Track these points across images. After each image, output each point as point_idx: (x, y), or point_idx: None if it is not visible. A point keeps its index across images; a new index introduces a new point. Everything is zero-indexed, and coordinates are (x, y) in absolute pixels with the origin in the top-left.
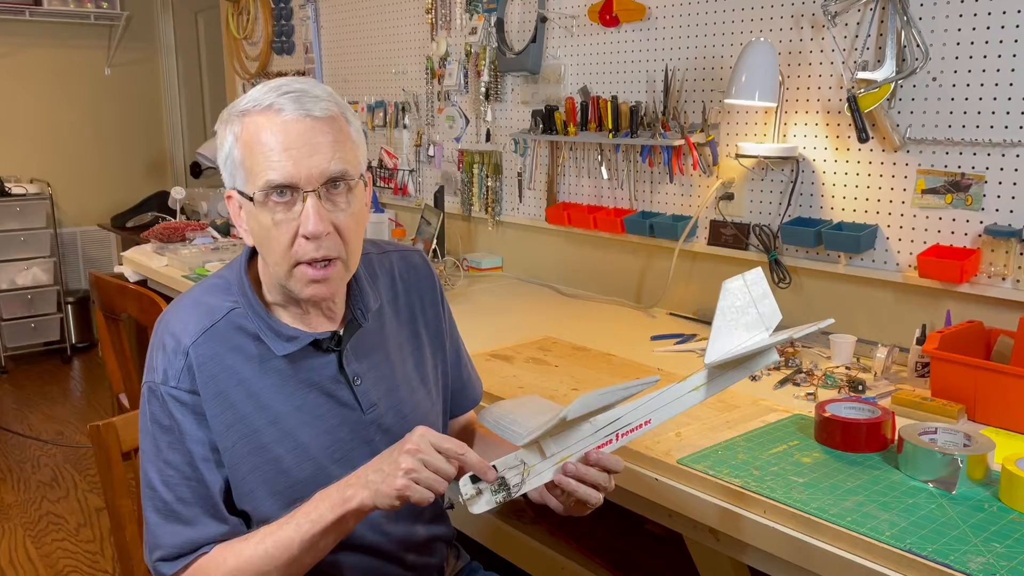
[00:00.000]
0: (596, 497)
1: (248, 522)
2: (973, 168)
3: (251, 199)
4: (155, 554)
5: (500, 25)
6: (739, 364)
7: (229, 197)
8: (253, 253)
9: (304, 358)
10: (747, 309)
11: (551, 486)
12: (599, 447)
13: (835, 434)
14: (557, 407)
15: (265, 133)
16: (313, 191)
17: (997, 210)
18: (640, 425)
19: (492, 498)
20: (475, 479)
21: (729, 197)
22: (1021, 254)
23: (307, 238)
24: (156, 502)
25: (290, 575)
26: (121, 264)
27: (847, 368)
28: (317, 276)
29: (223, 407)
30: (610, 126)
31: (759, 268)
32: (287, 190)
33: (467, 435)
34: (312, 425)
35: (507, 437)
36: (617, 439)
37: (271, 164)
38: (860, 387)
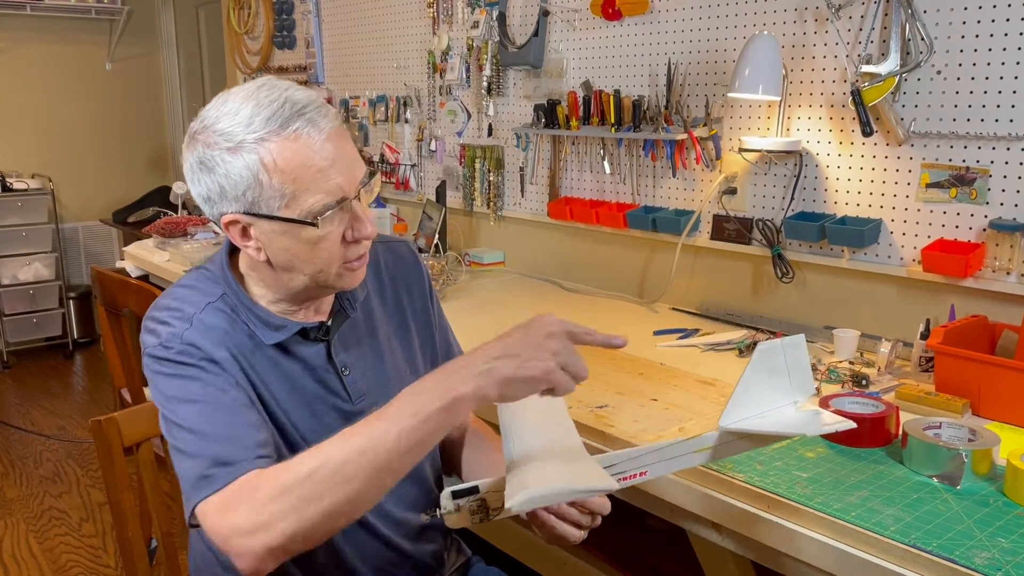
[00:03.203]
0: (575, 535)
1: None
2: (978, 162)
3: (294, 221)
4: (196, 497)
5: (502, 19)
6: (755, 438)
7: (234, 223)
8: (233, 249)
9: (293, 348)
10: (779, 373)
11: (533, 515)
12: None
13: None
14: (565, 425)
15: (306, 158)
16: (355, 196)
17: (1002, 204)
18: (635, 475)
19: (470, 518)
20: (456, 495)
21: (732, 191)
22: None
23: (361, 240)
24: (198, 432)
25: (379, 483)
26: (123, 259)
27: (851, 363)
28: (361, 263)
29: (231, 370)
30: (612, 120)
31: (802, 335)
32: (338, 203)
33: (459, 432)
34: (303, 409)
35: (504, 441)
36: None
37: (322, 187)
38: (864, 382)
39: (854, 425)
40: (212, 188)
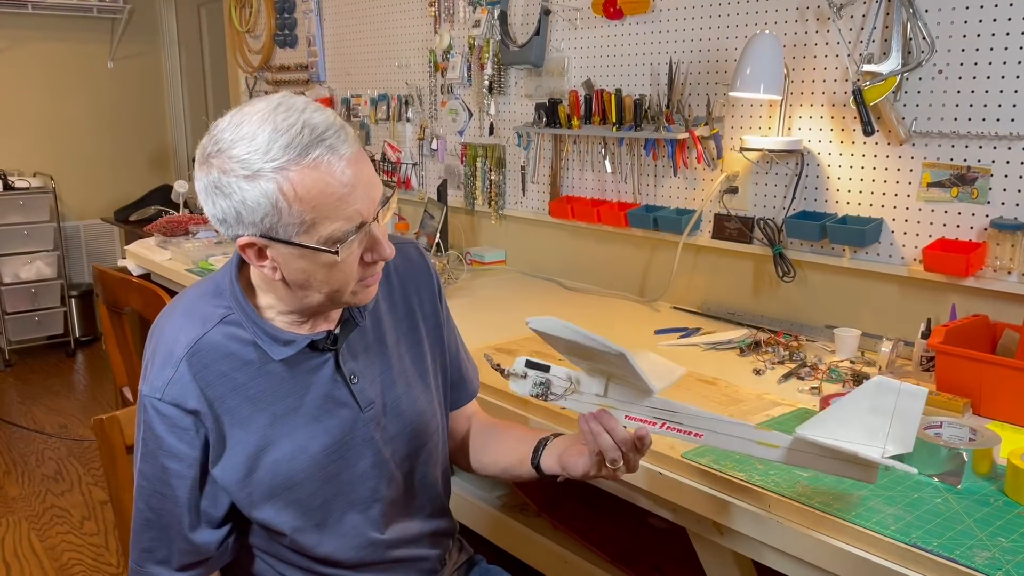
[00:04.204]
0: (614, 452)
1: (246, 526)
2: (979, 161)
3: (313, 248)
4: (132, 555)
5: (503, 18)
6: (830, 456)
7: (250, 245)
8: (243, 260)
9: (301, 360)
10: (882, 414)
11: (577, 446)
12: (642, 420)
13: None
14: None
15: (327, 186)
16: (374, 219)
17: (1003, 203)
18: (689, 432)
19: (531, 390)
20: (531, 364)
21: (733, 191)
22: None
23: (377, 261)
24: (137, 506)
25: None
26: (124, 258)
27: (851, 362)
28: (376, 280)
29: (216, 416)
30: (614, 119)
31: (925, 390)
32: (358, 229)
33: (467, 428)
34: (311, 426)
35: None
36: (661, 427)
37: (342, 214)
38: (864, 381)
39: (915, 471)
40: (228, 212)
